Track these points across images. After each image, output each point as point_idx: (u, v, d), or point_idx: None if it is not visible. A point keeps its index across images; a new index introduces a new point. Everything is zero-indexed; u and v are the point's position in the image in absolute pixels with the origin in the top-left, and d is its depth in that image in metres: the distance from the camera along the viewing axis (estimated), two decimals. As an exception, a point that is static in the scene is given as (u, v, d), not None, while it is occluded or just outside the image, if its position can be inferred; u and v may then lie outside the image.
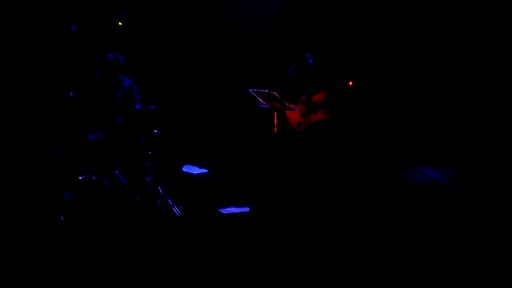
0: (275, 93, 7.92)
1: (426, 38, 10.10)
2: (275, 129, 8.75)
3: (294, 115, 8.40)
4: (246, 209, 7.74)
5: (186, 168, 9.08)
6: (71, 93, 7.71)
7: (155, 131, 7.85)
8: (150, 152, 7.79)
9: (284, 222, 7.32)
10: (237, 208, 8.01)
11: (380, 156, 9.89)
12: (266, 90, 7.97)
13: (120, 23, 9.00)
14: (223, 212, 7.97)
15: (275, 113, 8.25)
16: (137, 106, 8.03)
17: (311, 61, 8.30)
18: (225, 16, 10.27)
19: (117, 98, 7.97)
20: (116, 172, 7.51)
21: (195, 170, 9.44)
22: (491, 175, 9.05)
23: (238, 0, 10.22)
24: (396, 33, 10.14)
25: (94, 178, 7.44)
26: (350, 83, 9.04)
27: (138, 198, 7.67)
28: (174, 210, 7.42)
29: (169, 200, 7.50)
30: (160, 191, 7.64)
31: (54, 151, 8.99)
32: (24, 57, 9.43)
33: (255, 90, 8.05)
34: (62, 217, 7.08)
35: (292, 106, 8.15)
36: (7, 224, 7.09)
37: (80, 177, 7.44)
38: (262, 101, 8.10)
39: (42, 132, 9.33)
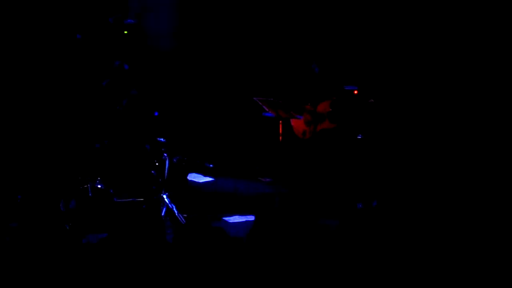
0: (280, 102, 7.93)
1: (432, 46, 10.10)
2: (280, 138, 8.76)
3: (299, 123, 8.40)
4: (251, 218, 7.72)
5: (191, 177, 9.07)
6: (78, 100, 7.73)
7: (161, 139, 7.85)
8: (155, 161, 7.80)
9: (288, 230, 7.29)
10: (242, 217, 8.00)
11: (385, 165, 9.87)
12: (271, 99, 7.98)
13: (126, 32, 9.02)
14: (228, 221, 7.96)
15: (280, 121, 8.26)
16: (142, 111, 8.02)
17: (316, 69, 8.31)
18: (229, 22, 10.28)
19: (122, 106, 7.98)
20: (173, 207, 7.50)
21: (200, 178, 9.43)
22: None
23: (241, 6, 10.22)
24: (403, 42, 10.13)
25: (99, 186, 7.45)
26: (355, 92, 9.04)
27: (144, 207, 7.67)
28: (179, 218, 7.42)
29: (174, 209, 7.50)
30: (166, 199, 7.64)
31: (59, 160, 9.00)
32: (29, 64, 9.44)
33: (260, 98, 8.06)
34: (67, 226, 7.08)
35: (297, 114, 8.15)
36: (11, 231, 7.08)
37: (85, 185, 7.44)
38: (267, 109, 8.10)
39: (47, 140, 9.33)
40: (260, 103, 8.06)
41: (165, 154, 7.84)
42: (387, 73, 10.10)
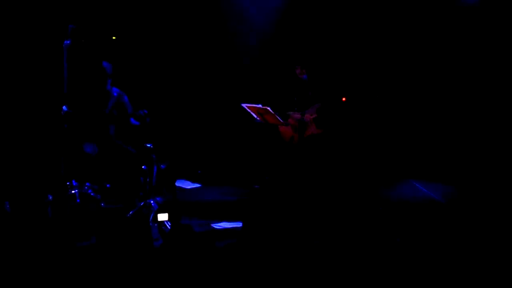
0: (268, 108, 7.94)
1: (416, 54, 10.18)
2: (268, 144, 8.78)
3: (286, 129, 8.42)
4: (239, 224, 7.72)
5: (179, 183, 9.08)
6: (64, 107, 7.70)
7: (148, 145, 7.85)
8: (144, 167, 7.78)
9: (278, 237, 7.31)
10: (230, 223, 8.00)
11: (371, 171, 9.91)
12: (260, 105, 7.99)
13: (114, 37, 9.02)
14: (215, 227, 7.96)
15: (268, 127, 8.28)
16: (132, 121, 8.01)
17: (304, 76, 8.33)
18: (219, 29, 10.30)
19: (107, 109, 7.97)
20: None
21: (188, 185, 9.44)
22: (482, 189, 9.11)
23: (232, 12, 10.24)
24: (387, 50, 10.20)
25: (87, 192, 7.43)
26: (344, 99, 9.08)
27: (131, 213, 7.66)
28: (166, 225, 7.41)
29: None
30: (153, 205, 7.64)
31: (46, 165, 8.98)
32: (17, 69, 9.43)
33: (248, 104, 8.07)
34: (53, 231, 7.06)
35: (284, 121, 8.17)
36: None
37: (73, 191, 7.42)
38: (255, 115, 8.11)
39: (35, 145, 9.31)
40: (248, 110, 8.07)
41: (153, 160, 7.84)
42: (373, 80, 10.17)
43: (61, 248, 6.78)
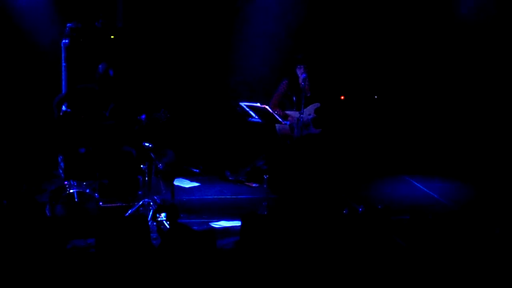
0: (267, 107, 7.94)
1: (413, 55, 10.22)
2: (265, 143, 8.80)
3: (284, 129, 8.42)
4: (238, 223, 7.72)
5: (177, 182, 9.07)
6: (64, 107, 7.70)
7: (146, 144, 7.85)
8: (142, 166, 7.78)
9: (277, 236, 7.30)
10: (229, 222, 8.01)
11: (366, 170, 9.93)
12: (258, 104, 7.99)
13: (112, 36, 9.01)
14: (214, 226, 7.97)
15: (265, 126, 8.29)
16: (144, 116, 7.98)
17: (303, 75, 8.32)
18: (217, 28, 10.29)
19: (108, 110, 7.97)
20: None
21: (186, 183, 9.44)
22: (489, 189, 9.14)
23: (232, 13, 10.23)
24: (385, 50, 10.23)
25: (85, 191, 7.43)
26: (342, 97, 9.08)
27: (130, 212, 7.67)
28: (165, 224, 7.42)
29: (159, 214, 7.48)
30: (152, 205, 7.65)
31: (44, 164, 8.98)
32: (15, 70, 9.44)
33: (246, 103, 8.06)
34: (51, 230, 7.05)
35: (283, 120, 8.17)
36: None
37: (71, 191, 7.42)
38: (253, 114, 8.11)
39: (32, 145, 9.32)
40: (247, 108, 8.07)
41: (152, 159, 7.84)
42: (373, 79, 10.18)
43: (59, 248, 6.78)
